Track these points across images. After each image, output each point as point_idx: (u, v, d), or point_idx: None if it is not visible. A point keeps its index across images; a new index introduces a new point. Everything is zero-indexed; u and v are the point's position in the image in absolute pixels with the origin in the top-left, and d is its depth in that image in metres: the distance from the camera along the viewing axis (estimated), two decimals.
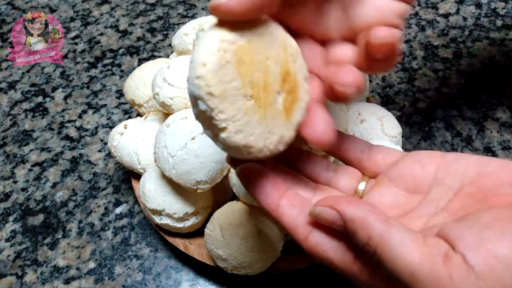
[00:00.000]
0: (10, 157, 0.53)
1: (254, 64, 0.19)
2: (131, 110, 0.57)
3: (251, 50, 0.19)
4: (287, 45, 0.22)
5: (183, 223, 0.38)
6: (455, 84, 0.56)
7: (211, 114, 0.18)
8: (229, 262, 0.35)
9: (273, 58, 0.21)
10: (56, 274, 0.43)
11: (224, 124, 0.19)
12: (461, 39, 0.60)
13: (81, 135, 0.54)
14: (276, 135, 0.21)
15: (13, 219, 0.47)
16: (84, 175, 0.50)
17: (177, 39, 0.45)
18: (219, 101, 0.18)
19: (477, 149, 0.49)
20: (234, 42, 0.19)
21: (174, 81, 0.39)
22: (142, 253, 0.44)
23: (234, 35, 0.19)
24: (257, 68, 0.20)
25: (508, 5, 0.64)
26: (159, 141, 0.37)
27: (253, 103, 0.19)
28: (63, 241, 0.45)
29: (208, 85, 0.18)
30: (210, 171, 0.35)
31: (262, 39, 0.20)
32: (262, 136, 0.20)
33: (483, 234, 0.18)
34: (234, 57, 0.19)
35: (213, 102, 0.18)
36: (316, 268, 0.41)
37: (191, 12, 0.69)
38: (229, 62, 0.18)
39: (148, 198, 0.38)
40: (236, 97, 0.19)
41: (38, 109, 0.58)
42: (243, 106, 0.19)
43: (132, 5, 0.71)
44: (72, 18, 0.70)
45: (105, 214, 0.47)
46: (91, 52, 0.64)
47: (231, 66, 0.18)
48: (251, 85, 0.19)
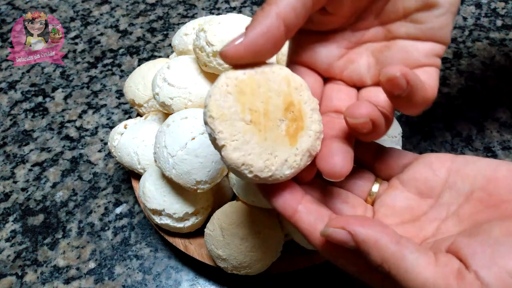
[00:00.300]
0: (10, 157, 0.53)
1: (255, 95, 0.22)
2: (131, 110, 0.57)
3: (252, 83, 0.22)
4: (291, 80, 0.24)
5: (183, 223, 0.38)
6: (455, 84, 0.56)
7: (214, 135, 0.21)
8: (229, 262, 0.35)
9: (275, 91, 0.23)
10: (56, 274, 0.43)
11: (223, 142, 0.21)
12: (461, 39, 0.61)
13: (81, 135, 0.54)
14: (279, 157, 0.23)
15: (13, 219, 0.47)
16: (84, 175, 0.50)
17: (177, 39, 0.45)
18: (218, 122, 0.21)
19: (477, 149, 0.49)
20: (236, 78, 0.22)
21: (174, 81, 0.39)
22: (142, 253, 0.44)
23: (238, 73, 0.22)
24: (257, 98, 0.22)
25: (508, 5, 0.64)
26: (159, 141, 0.37)
27: (252, 127, 0.22)
28: (63, 241, 0.45)
29: (210, 110, 0.21)
30: (210, 171, 0.35)
31: (264, 76, 0.23)
32: (262, 157, 0.22)
33: (495, 250, 0.18)
34: (235, 89, 0.21)
35: (214, 124, 0.21)
36: (316, 268, 0.41)
37: (191, 12, 0.69)
38: (230, 93, 0.21)
39: (148, 198, 0.38)
40: (235, 120, 0.21)
41: (38, 109, 0.58)
42: (241, 128, 0.21)
43: (132, 5, 0.71)
44: (72, 18, 0.70)
45: (105, 214, 0.47)
46: (91, 52, 0.64)
47: (232, 96, 0.21)
48: (250, 112, 0.22)
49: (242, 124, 0.21)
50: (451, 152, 0.49)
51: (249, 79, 0.22)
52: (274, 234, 0.36)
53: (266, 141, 0.22)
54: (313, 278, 0.41)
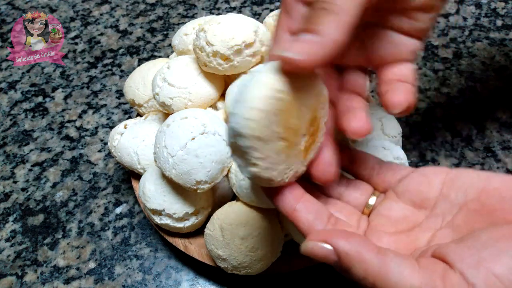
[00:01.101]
0: (10, 157, 0.53)
1: (292, 111, 0.22)
2: (131, 110, 0.57)
3: (293, 99, 0.21)
4: (320, 94, 0.24)
5: (183, 223, 0.38)
6: (455, 84, 0.56)
7: (247, 150, 0.20)
8: (229, 262, 0.35)
9: (307, 105, 0.23)
10: (56, 274, 0.43)
11: (256, 161, 0.21)
12: (461, 39, 0.61)
13: (81, 135, 0.54)
14: (293, 170, 0.23)
15: (13, 219, 0.47)
16: (84, 175, 0.50)
17: (177, 39, 0.45)
18: (258, 143, 0.20)
19: (477, 149, 0.49)
20: (282, 91, 0.21)
21: (174, 81, 0.39)
22: (142, 253, 0.44)
23: (284, 85, 0.21)
24: (293, 114, 0.22)
25: (508, 5, 0.64)
26: (159, 141, 0.37)
27: (283, 145, 0.22)
28: (63, 241, 0.45)
29: (254, 128, 0.20)
30: (210, 171, 0.35)
31: (303, 88, 0.22)
32: (282, 172, 0.22)
33: (481, 253, 0.18)
34: (279, 106, 0.20)
35: (254, 142, 0.20)
36: (316, 268, 0.41)
37: (191, 12, 0.69)
38: (274, 110, 0.20)
39: (148, 198, 0.38)
40: (272, 140, 0.21)
41: (38, 109, 0.58)
42: (275, 147, 0.21)
43: (132, 5, 0.71)
44: (72, 18, 0.70)
45: (105, 214, 0.47)
46: (91, 52, 0.64)
47: (275, 114, 0.20)
48: (286, 130, 0.21)
49: (277, 144, 0.21)
50: (451, 152, 0.49)
51: (292, 93, 0.21)
52: (274, 234, 0.36)
53: (289, 158, 0.22)
54: (313, 278, 0.41)
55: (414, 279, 0.18)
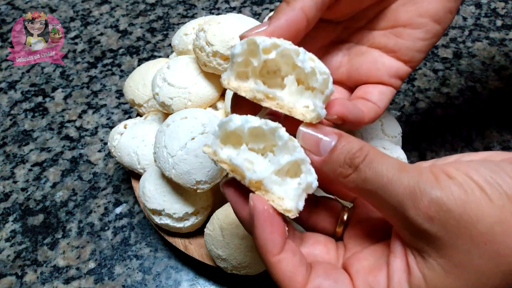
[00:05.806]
0: (10, 157, 0.53)
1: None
2: (131, 110, 0.57)
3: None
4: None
5: (183, 223, 0.38)
6: (455, 84, 0.56)
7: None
8: (229, 262, 0.35)
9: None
10: (56, 274, 0.43)
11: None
12: (461, 39, 0.61)
13: (81, 135, 0.54)
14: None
15: (13, 219, 0.47)
16: (84, 175, 0.50)
17: (177, 39, 0.45)
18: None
19: (477, 149, 0.49)
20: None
21: (174, 81, 0.39)
22: (142, 253, 0.44)
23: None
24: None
25: (508, 5, 0.64)
26: (159, 141, 0.37)
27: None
28: (63, 241, 0.45)
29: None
30: (210, 171, 0.35)
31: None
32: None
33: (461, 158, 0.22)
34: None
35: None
36: None
37: (191, 12, 0.69)
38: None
39: (148, 198, 0.38)
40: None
41: (38, 109, 0.58)
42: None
43: (132, 5, 0.71)
44: (72, 18, 0.70)
45: (105, 214, 0.47)
46: (91, 52, 0.64)
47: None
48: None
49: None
50: (451, 152, 0.49)
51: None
52: None
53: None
54: None
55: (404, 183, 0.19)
